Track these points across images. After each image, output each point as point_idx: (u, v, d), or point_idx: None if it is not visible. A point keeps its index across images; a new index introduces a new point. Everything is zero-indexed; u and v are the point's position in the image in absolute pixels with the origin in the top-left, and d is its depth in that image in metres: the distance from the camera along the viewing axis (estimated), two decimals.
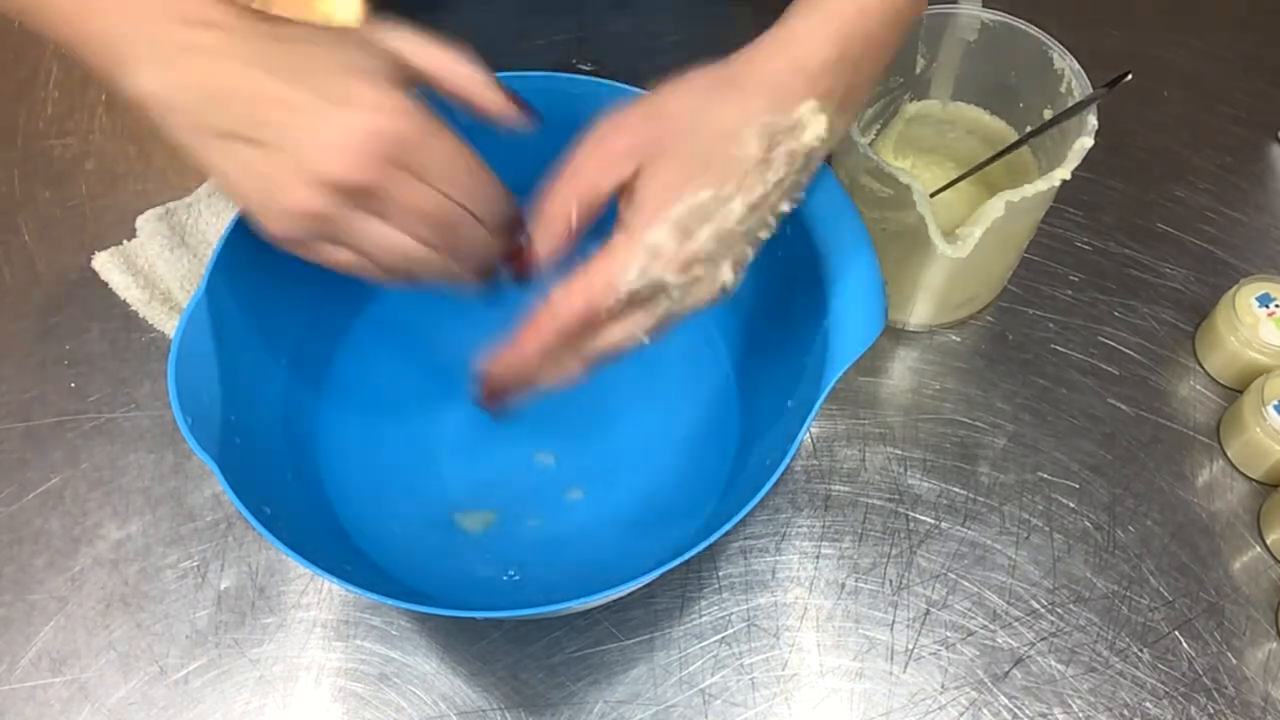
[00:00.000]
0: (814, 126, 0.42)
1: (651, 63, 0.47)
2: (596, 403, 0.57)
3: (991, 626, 0.55)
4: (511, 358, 0.45)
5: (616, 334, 0.44)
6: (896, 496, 0.59)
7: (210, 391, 0.47)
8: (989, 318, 0.65)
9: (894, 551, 0.58)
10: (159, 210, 0.65)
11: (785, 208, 0.44)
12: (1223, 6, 0.79)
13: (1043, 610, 0.56)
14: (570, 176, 0.43)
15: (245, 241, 0.49)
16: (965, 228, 0.52)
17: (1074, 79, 0.55)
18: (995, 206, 0.51)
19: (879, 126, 0.64)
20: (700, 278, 0.43)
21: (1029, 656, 0.55)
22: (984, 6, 0.58)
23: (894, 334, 0.65)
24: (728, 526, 0.43)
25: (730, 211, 0.41)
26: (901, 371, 0.63)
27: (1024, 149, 0.59)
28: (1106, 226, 0.68)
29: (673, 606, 0.56)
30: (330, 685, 0.54)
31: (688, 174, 0.41)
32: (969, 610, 0.56)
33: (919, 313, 0.63)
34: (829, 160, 0.56)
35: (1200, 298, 0.66)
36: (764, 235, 0.44)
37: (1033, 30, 0.57)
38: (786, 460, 0.44)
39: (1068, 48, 0.56)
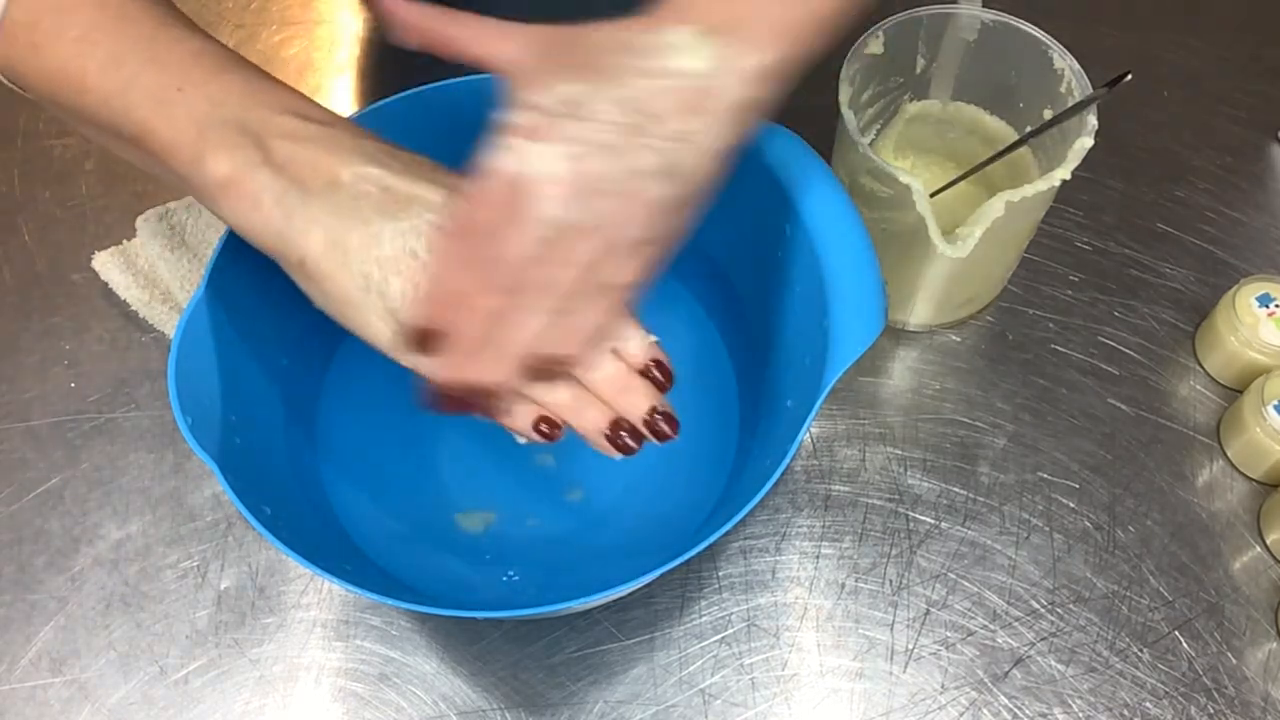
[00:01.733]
0: (691, 51, 0.40)
1: None
2: None
3: (991, 626, 0.55)
4: (432, 296, 0.42)
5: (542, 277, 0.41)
6: (896, 496, 0.59)
7: (210, 391, 0.47)
8: (989, 318, 0.65)
9: (894, 551, 0.57)
10: (159, 210, 0.65)
11: (675, 133, 0.40)
12: (1223, 6, 0.79)
13: (1043, 610, 0.56)
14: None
15: (245, 242, 0.49)
16: (965, 228, 0.52)
17: (1074, 79, 0.55)
18: (995, 206, 0.51)
19: (879, 126, 0.64)
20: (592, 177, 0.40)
21: (1029, 656, 0.55)
22: (984, 6, 0.58)
23: (894, 334, 0.65)
24: (728, 526, 0.43)
25: (597, 106, 0.40)
26: (901, 371, 0.63)
27: (1024, 149, 0.59)
28: (1106, 226, 0.68)
29: (673, 606, 0.56)
30: (330, 685, 0.54)
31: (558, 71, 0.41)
32: (969, 610, 0.56)
33: (919, 313, 0.63)
34: (829, 160, 0.56)
35: (1200, 298, 0.66)
36: (654, 160, 0.40)
37: (1033, 30, 0.57)
38: (786, 460, 0.44)
39: (1068, 48, 0.56)
